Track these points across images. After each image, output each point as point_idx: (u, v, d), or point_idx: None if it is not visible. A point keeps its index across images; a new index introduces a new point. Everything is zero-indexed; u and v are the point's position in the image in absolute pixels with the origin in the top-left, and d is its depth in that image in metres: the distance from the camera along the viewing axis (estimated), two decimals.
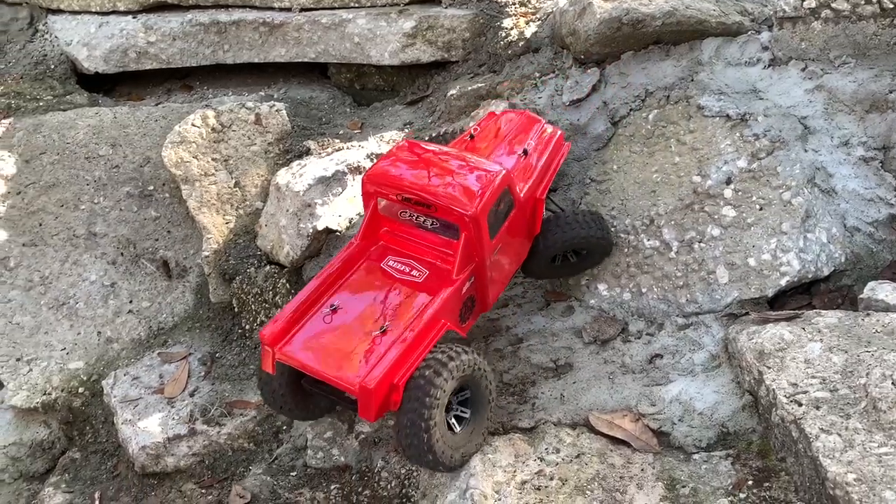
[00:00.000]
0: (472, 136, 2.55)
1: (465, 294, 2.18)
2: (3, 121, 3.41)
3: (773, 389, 1.96)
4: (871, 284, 2.30)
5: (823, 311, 2.23)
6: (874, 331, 2.07)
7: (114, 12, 3.96)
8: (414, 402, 1.91)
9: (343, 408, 2.32)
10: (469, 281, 2.17)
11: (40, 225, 3.23)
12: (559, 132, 2.62)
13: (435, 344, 2.02)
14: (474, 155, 2.35)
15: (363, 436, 2.38)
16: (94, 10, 3.97)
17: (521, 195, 2.31)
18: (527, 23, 3.43)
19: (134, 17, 3.90)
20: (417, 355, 1.97)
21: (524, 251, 2.47)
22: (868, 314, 2.15)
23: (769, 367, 2.04)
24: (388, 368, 1.90)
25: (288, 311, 2.08)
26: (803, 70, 2.75)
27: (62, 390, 2.95)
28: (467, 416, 2.09)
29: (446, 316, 2.09)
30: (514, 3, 3.59)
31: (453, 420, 2.05)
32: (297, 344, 2.03)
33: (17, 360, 2.99)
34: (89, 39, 3.88)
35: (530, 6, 3.58)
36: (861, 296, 2.29)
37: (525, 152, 2.44)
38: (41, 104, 3.65)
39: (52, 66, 3.90)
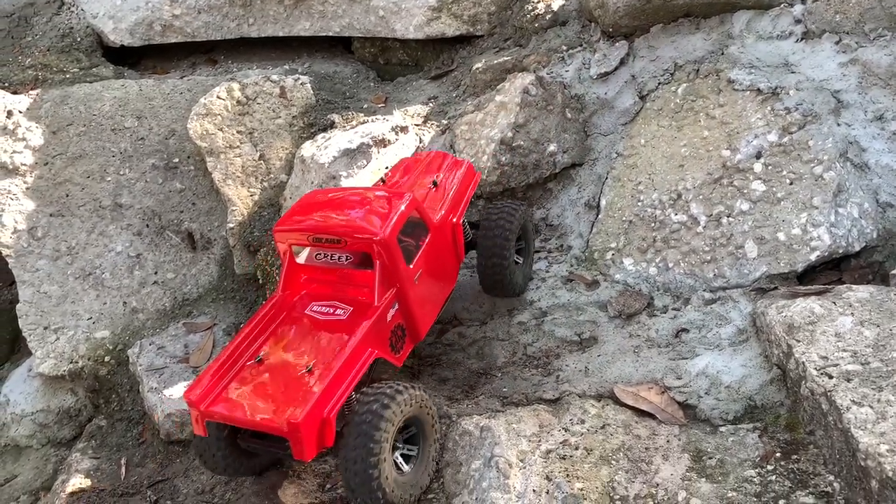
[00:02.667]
0: (383, 181, 2.60)
1: (392, 322, 2.14)
2: (30, 92, 3.43)
3: (803, 362, 1.94)
4: None
5: (854, 286, 2.19)
6: None
7: None
8: (361, 438, 1.83)
9: (285, 458, 2.18)
10: (393, 308, 2.14)
11: (67, 196, 3.25)
12: (467, 162, 2.66)
13: (364, 373, 1.98)
14: (381, 189, 2.38)
15: None
16: None
17: (436, 221, 2.33)
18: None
19: None
20: (346, 386, 1.92)
21: (453, 278, 2.46)
22: None
23: (799, 341, 2.02)
24: (314, 403, 1.84)
25: (211, 369, 2.02)
26: (837, 43, 2.70)
27: (89, 359, 2.99)
28: (414, 453, 2.02)
29: (374, 345, 2.05)
30: None
31: (400, 459, 1.98)
32: (224, 399, 1.96)
33: (45, 328, 3.03)
34: (115, 12, 3.88)
35: None
36: (893, 271, 2.25)
37: (435, 184, 2.47)
38: (68, 76, 3.66)
39: (79, 39, 3.91)
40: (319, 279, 2.23)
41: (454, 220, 2.43)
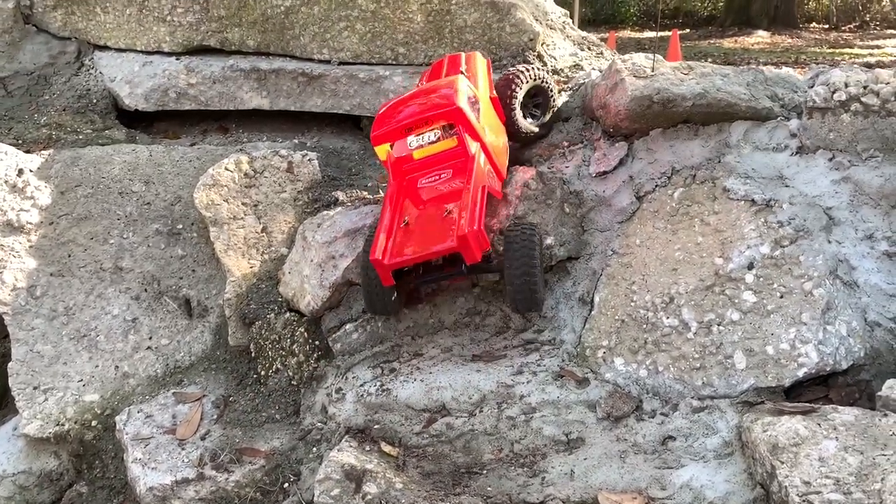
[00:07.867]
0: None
1: (486, 167, 2.82)
2: (42, 152, 3.50)
3: (786, 486, 1.95)
4: (889, 382, 2.28)
5: (840, 408, 2.21)
6: (891, 433, 2.06)
7: (158, 52, 4.09)
8: (526, 245, 2.67)
9: (450, 280, 2.96)
10: (482, 155, 2.79)
11: (69, 256, 3.29)
12: (477, 54, 3.37)
13: (485, 201, 2.71)
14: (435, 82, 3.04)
15: (370, 496, 2.38)
16: (139, 48, 4.11)
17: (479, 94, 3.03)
18: (559, 92, 3.49)
19: (177, 59, 4.02)
20: (480, 210, 2.61)
21: (505, 133, 3.18)
22: (885, 414, 2.14)
23: (782, 462, 2.03)
24: (468, 221, 2.51)
25: (379, 238, 2.63)
26: (830, 160, 2.78)
27: (75, 422, 2.99)
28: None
29: (483, 183, 2.72)
30: (546, 73, 3.66)
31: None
32: (399, 251, 2.61)
33: (34, 388, 3.03)
34: (132, 77, 3.99)
35: (563, 75, 3.65)
36: (879, 393, 2.28)
37: (462, 73, 3.09)
38: (81, 137, 3.74)
39: (95, 101, 4.01)
40: (415, 162, 2.83)
41: (489, 95, 3.13)
